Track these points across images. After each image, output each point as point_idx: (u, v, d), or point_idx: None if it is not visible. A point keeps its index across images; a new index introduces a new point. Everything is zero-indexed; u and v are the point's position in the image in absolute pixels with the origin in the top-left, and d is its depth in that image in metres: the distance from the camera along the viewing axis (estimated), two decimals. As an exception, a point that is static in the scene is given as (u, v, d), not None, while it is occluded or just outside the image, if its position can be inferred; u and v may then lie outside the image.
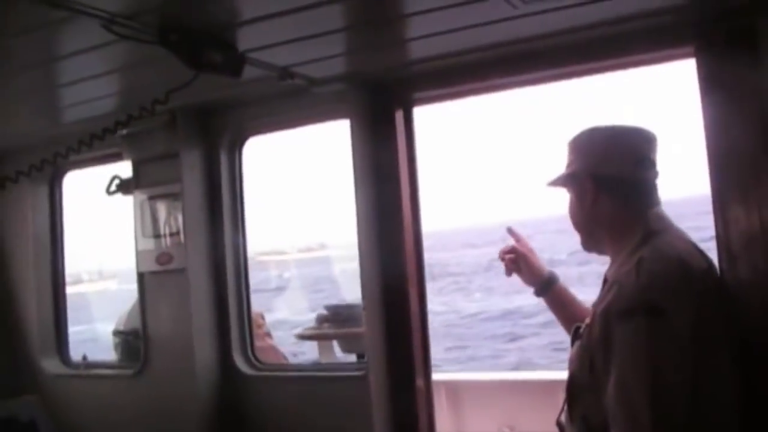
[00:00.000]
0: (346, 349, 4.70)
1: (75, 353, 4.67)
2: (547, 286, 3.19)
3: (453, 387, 5.22)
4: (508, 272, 3.23)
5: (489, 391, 5.24)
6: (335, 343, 4.83)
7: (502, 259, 3.22)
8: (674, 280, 2.39)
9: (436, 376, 5.24)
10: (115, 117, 2.90)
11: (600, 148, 2.69)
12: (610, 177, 2.66)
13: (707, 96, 2.77)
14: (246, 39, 2.83)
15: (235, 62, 2.86)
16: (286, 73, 3.20)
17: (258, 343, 4.36)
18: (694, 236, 2.61)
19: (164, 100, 2.73)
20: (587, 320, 2.62)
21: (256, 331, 4.39)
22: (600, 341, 2.45)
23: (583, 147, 2.74)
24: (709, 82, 2.77)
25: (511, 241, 3.15)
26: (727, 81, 2.72)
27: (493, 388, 5.28)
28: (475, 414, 5.09)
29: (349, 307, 4.18)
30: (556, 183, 2.80)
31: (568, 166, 2.77)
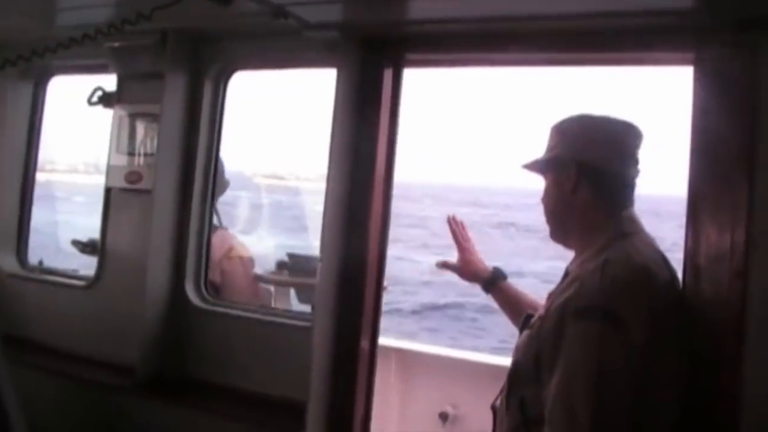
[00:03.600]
0: (303, 300, 4.69)
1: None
2: (491, 283, 3.20)
3: (403, 356, 5.22)
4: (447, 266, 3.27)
5: (437, 366, 5.24)
6: (293, 292, 4.82)
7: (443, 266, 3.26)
8: (637, 289, 2.37)
9: (389, 342, 5.31)
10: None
11: (588, 136, 2.65)
12: (594, 166, 2.62)
13: (699, 104, 2.73)
14: (242, -31, 2.78)
15: (227, -11, 2.80)
16: (279, 11, 3.13)
17: (246, 290, 4.38)
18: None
19: (148, 15, 2.68)
20: (540, 311, 2.61)
21: (242, 277, 4.40)
22: (551, 335, 2.43)
23: (569, 132, 2.69)
24: (704, 91, 2.73)
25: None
26: (722, 93, 2.68)
27: (442, 364, 5.28)
28: (422, 386, 5.10)
29: (311, 259, 4.16)
30: (533, 167, 2.75)
31: (550, 150, 2.72)
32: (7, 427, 3.20)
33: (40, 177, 4.82)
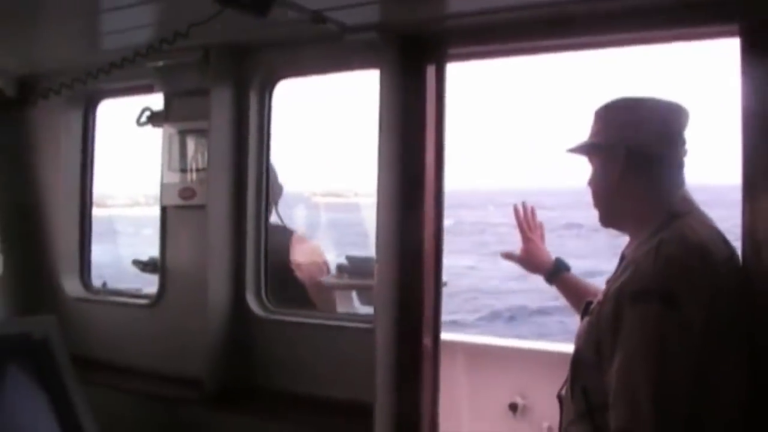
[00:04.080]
0: (365, 302, 4.70)
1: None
2: (554, 275, 3.18)
3: (470, 350, 5.22)
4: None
5: (505, 358, 5.23)
6: (355, 295, 4.84)
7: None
8: (693, 269, 2.34)
9: (454, 337, 5.31)
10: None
11: (634, 119, 2.61)
12: (642, 150, 2.58)
13: (748, 79, 2.66)
14: (277, -21, 2.80)
15: (263, 0, 2.82)
16: (317, 16, 3.16)
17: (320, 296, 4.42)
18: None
19: (185, 33, 2.72)
20: (599, 297, 2.58)
21: (313, 280, 4.44)
22: (609, 321, 2.41)
23: (615, 117, 2.65)
24: (752, 64, 2.66)
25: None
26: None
27: (510, 355, 5.27)
28: (490, 379, 5.09)
29: (369, 260, 4.17)
30: (579, 150, 2.73)
31: (596, 135, 2.69)
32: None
33: (101, 212, 4.90)
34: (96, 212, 4.91)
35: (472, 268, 34.07)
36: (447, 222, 3.53)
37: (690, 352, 2.28)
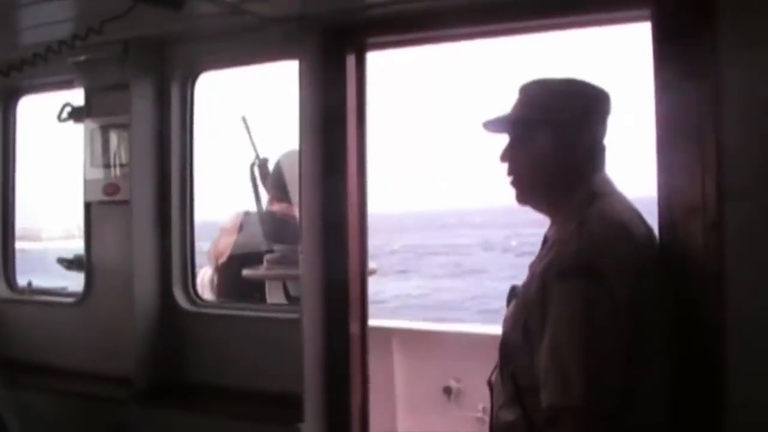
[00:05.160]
0: (297, 292, 4.70)
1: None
2: None
3: (403, 335, 5.27)
4: None
5: (438, 342, 5.29)
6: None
7: None
8: (616, 245, 2.37)
9: (388, 323, 5.35)
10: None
11: (557, 97, 2.59)
12: (567, 129, 2.56)
13: (660, 61, 2.74)
14: (192, -29, 2.79)
15: (177, -6, 2.80)
16: (235, 8, 3.15)
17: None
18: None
19: (98, 29, 2.68)
20: (524, 280, 2.59)
21: None
22: (536, 302, 2.41)
23: (538, 94, 2.62)
24: (663, 47, 2.74)
25: None
26: (682, 47, 2.69)
27: (444, 340, 5.33)
28: (425, 363, 5.14)
29: (295, 251, 4.17)
30: (500, 125, 2.67)
31: (519, 109, 2.64)
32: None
33: (35, 246, 4.83)
34: (28, 246, 4.84)
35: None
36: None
37: (618, 327, 2.31)
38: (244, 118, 4.62)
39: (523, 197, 2.68)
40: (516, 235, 44.60)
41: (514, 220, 41.31)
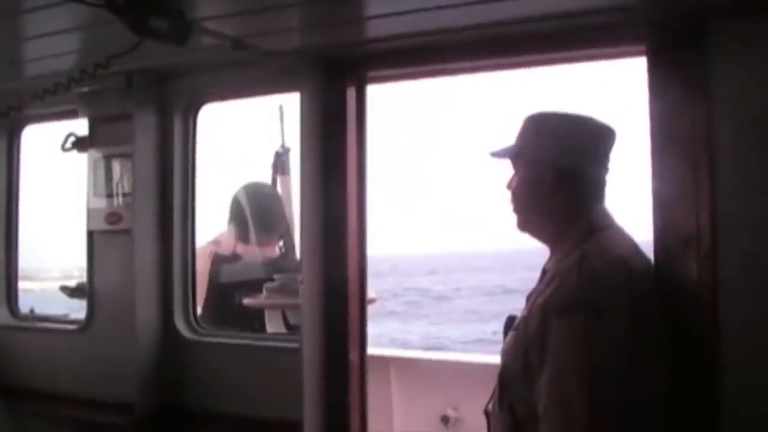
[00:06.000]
0: (297, 320, 4.74)
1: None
2: None
3: (401, 364, 5.30)
4: None
5: (436, 371, 5.32)
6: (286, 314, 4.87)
7: None
8: (615, 279, 2.42)
9: (385, 352, 5.38)
10: (71, 75, 2.93)
11: (566, 137, 2.64)
12: (572, 170, 2.63)
13: (655, 95, 2.79)
14: (196, 7, 2.85)
15: (181, 30, 2.84)
16: (237, 43, 3.20)
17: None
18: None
19: (105, 64, 2.75)
20: (523, 311, 2.62)
21: None
22: (536, 336, 2.46)
23: (546, 131, 2.67)
24: (659, 81, 2.80)
25: None
26: (677, 81, 2.74)
27: (441, 369, 5.36)
28: (422, 392, 5.17)
29: (296, 279, 4.21)
30: (505, 154, 2.73)
31: (525, 145, 2.70)
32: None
33: (34, 286, 4.87)
34: (28, 286, 4.89)
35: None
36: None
37: (619, 360, 2.35)
38: (281, 106, 4.65)
39: (522, 226, 2.76)
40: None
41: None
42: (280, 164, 5.00)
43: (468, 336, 30.47)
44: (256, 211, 4.69)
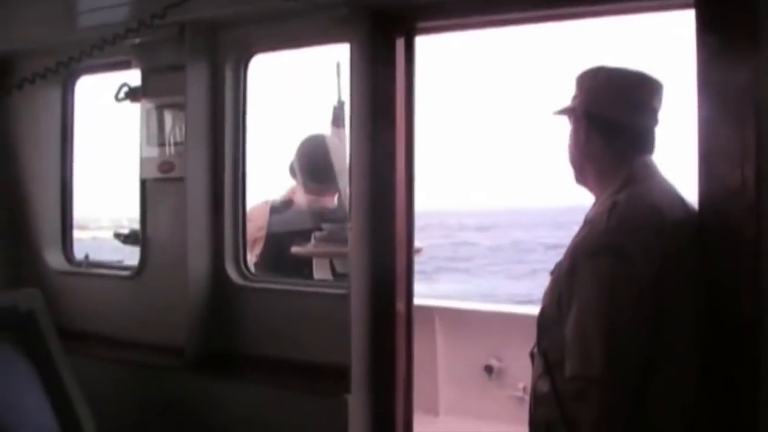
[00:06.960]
0: (344, 269, 4.80)
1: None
2: None
3: (446, 314, 5.36)
4: None
5: (480, 322, 5.38)
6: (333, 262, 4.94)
7: None
8: (643, 227, 2.51)
9: (430, 302, 5.44)
10: (127, 25, 2.98)
11: (600, 88, 2.76)
12: (603, 118, 2.74)
13: (702, 46, 2.77)
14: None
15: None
16: (288, -7, 3.23)
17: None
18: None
19: (162, 14, 2.79)
20: (562, 258, 2.73)
21: None
22: (566, 277, 2.58)
23: (584, 84, 2.81)
24: (706, 33, 2.77)
25: None
26: (724, 33, 2.71)
27: (485, 319, 5.42)
28: (467, 342, 5.24)
29: (345, 229, 4.27)
30: (559, 113, 2.88)
31: (570, 99, 2.85)
32: (73, 414, 3.38)
33: (84, 234, 4.93)
34: (79, 235, 5.00)
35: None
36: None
37: (639, 302, 2.44)
38: (339, 63, 4.71)
39: (576, 179, 2.91)
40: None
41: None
42: (335, 118, 5.02)
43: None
44: (306, 162, 4.73)
